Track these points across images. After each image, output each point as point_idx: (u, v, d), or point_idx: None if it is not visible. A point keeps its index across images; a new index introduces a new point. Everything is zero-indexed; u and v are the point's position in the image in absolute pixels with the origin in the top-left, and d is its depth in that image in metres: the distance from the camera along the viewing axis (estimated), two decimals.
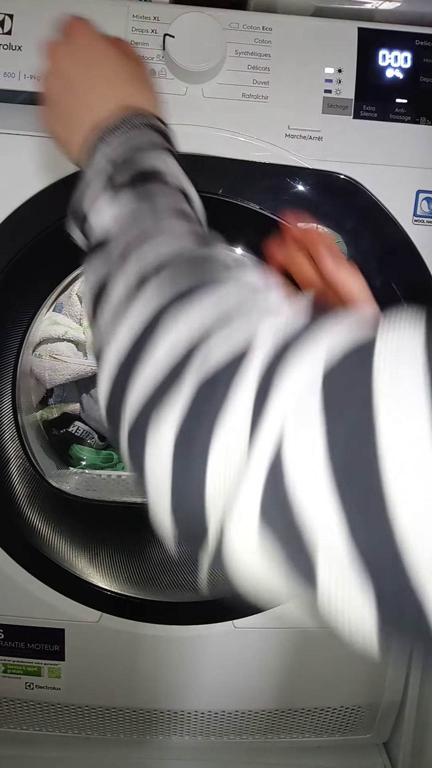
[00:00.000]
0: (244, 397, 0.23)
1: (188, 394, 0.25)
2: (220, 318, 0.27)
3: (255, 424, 0.23)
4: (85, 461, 0.89)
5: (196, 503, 0.24)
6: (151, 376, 0.27)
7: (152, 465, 0.26)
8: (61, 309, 0.89)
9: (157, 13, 0.64)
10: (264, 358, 0.24)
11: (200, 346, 0.26)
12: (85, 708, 0.83)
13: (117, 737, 0.86)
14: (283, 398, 0.23)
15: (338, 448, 0.21)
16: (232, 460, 0.23)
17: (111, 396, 0.30)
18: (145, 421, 0.27)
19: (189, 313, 0.28)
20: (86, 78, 0.48)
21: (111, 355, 0.30)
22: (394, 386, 0.20)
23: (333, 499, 0.20)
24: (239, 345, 0.25)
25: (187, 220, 0.37)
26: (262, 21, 0.64)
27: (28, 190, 0.65)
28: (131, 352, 0.29)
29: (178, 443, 0.25)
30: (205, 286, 0.29)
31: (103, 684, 0.81)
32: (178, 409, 0.25)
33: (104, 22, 0.63)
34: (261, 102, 0.64)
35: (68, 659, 0.78)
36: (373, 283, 0.68)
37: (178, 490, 0.25)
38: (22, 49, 0.63)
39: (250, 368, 0.24)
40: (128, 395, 0.28)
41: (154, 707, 0.83)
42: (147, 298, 0.30)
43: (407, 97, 0.65)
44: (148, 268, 0.32)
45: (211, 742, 0.86)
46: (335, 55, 0.65)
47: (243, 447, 0.23)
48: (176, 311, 0.28)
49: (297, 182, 0.66)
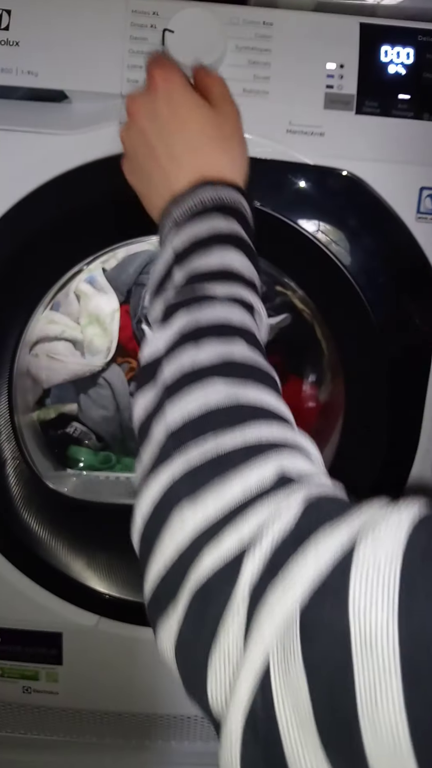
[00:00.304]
0: (233, 619, 0.25)
1: (184, 604, 0.27)
2: (222, 515, 0.28)
3: (245, 647, 0.24)
4: (82, 462, 0.88)
5: (201, 700, 0.27)
6: (156, 570, 0.29)
7: (162, 646, 0.29)
8: (59, 308, 0.88)
9: (156, 8, 0.63)
10: (254, 574, 0.25)
11: (200, 548, 0.27)
12: (83, 712, 0.82)
13: (115, 742, 0.85)
14: (267, 631, 0.23)
15: (319, 690, 0.21)
16: (228, 674, 0.25)
17: (140, 550, 0.32)
18: (153, 616, 0.29)
19: (195, 505, 0.28)
20: (167, 142, 0.48)
21: (137, 514, 0.32)
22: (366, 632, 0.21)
23: (317, 745, 0.21)
24: (231, 552, 0.26)
25: (228, 343, 0.36)
26: (262, 16, 0.64)
27: (24, 187, 0.65)
28: (148, 525, 0.31)
29: (178, 649, 0.28)
30: (214, 479, 0.29)
31: (101, 688, 0.80)
32: (174, 620, 0.27)
33: (103, 17, 0.63)
34: (262, 97, 0.64)
35: (66, 663, 0.77)
36: (376, 281, 0.67)
37: (185, 683, 0.28)
38: (19, 45, 0.62)
39: (240, 586, 0.25)
40: (147, 573, 0.30)
41: (153, 712, 0.82)
42: (166, 467, 0.31)
43: (410, 93, 0.65)
44: (173, 427, 0.33)
45: (210, 747, 0.85)
46: (337, 51, 0.64)
47: (235, 666, 0.24)
48: (187, 498, 0.29)
49: (298, 179, 0.65)
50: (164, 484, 0.30)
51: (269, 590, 0.24)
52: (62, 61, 0.62)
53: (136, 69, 0.63)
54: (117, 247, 0.79)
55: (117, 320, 0.87)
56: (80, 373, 0.85)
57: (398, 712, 0.19)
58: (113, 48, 0.63)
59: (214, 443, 0.31)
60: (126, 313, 0.89)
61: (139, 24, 0.63)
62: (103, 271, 0.91)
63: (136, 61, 0.63)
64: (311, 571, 0.23)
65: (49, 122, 0.64)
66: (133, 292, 0.90)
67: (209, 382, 0.34)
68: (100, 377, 0.88)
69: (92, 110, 0.64)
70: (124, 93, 0.63)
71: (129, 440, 0.90)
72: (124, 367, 0.91)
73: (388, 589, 0.21)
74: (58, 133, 0.64)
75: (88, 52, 0.62)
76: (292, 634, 0.22)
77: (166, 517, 0.29)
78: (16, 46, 0.62)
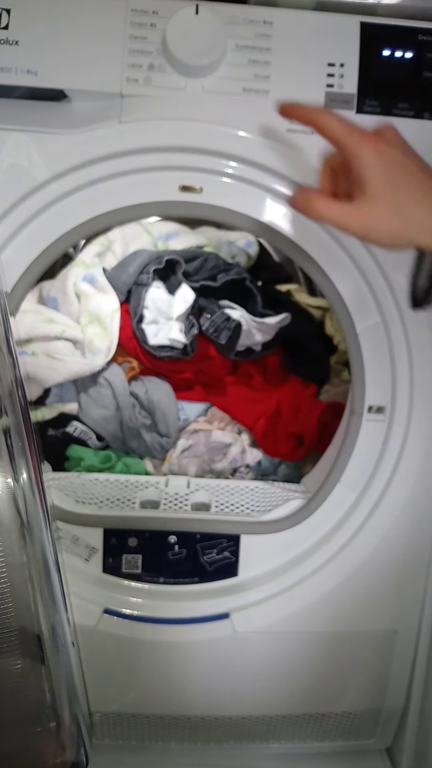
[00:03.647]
0: None
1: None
2: None
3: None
4: (83, 462, 0.88)
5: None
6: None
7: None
8: (56, 305, 0.87)
9: (156, 8, 0.63)
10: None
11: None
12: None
13: (115, 743, 0.85)
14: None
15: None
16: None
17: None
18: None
19: None
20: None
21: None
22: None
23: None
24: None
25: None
26: (263, 15, 0.64)
27: (24, 187, 0.64)
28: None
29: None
30: None
31: (100, 689, 0.80)
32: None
33: (102, 16, 0.63)
34: (262, 96, 0.64)
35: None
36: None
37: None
38: (19, 44, 0.62)
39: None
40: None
41: (153, 712, 0.82)
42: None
43: (410, 92, 0.64)
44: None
45: (210, 748, 0.85)
46: (337, 50, 0.64)
47: None
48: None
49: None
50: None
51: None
52: (62, 60, 0.62)
53: (136, 68, 0.63)
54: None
55: (117, 320, 0.87)
56: (80, 372, 0.85)
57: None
58: (113, 47, 0.62)
59: None
60: (126, 312, 0.89)
61: (139, 23, 0.63)
62: (103, 271, 0.90)
63: (136, 60, 0.63)
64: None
65: (48, 121, 0.64)
66: (133, 292, 0.89)
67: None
68: (100, 377, 0.87)
69: (92, 109, 0.64)
70: (123, 92, 0.63)
71: (129, 439, 0.90)
72: (124, 367, 0.90)
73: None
74: (58, 133, 0.64)
75: (88, 51, 0.62)
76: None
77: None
78: (16, 45, 0.62)
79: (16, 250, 0.66)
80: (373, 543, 0.75)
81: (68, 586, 0.72)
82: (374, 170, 0.50)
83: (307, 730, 0.85)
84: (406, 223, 0.50)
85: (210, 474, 0.93)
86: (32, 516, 0.53)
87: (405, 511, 0.74)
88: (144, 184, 0.66)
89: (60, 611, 0.57)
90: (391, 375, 0.70)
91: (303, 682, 0.81)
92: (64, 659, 0.57)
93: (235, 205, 0.67)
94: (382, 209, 0.50)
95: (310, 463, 0.93)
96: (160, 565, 0.76)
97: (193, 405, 0.94)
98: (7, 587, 0.51)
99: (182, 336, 0.86)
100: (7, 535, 0.52)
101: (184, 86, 0.63)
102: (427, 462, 0.73)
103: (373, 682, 0.82)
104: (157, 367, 0.91)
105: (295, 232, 0.67)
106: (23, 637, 0.53)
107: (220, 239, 0.99)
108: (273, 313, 0.90)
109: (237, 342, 0.88)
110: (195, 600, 0.76)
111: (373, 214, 0.50)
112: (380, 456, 0.73)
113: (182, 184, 0.66)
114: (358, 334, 0.69)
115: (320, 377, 0.99)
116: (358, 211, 0.51)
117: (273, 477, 0.93)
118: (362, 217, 0.51)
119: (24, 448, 0.53)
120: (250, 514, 0.78)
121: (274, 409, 0.92)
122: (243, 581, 0.76)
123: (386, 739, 0.87)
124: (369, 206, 0.50)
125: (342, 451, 0.74)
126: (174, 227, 0.98)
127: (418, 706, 0.82)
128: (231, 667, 0.78)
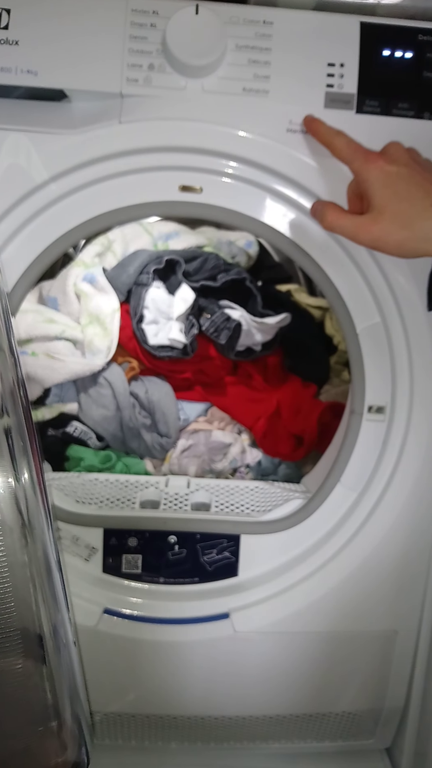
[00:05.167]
0: None
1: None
2: None
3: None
4: (83, 462, 0.88)
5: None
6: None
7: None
8: (56, 305, 0.87)
9: (156, 8, 0.63)
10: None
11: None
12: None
13: (115, 743, 0.85)
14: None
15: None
16: None
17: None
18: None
19: None
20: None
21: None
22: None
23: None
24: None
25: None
26: (263, 15, 0.63)
27: (24, 187, 0.64)
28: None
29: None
30: None
31: (99, 689, 0.80)
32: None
33: (102, 16, 0.63)
34: (262, 97, 0.64)
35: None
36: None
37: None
38: (19, 44, 0.62)
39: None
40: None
41: (152, 712, 0.82)
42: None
43: (410, 92, 0.64)
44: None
45: (210, 748, 0.85)
46: (337, 50, 0.64)
47: None
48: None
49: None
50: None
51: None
52: (62, 60, 0.62)
53: (136, 68, 0.63)
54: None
55: (117, 320, 0.87)
56: (80, 372, 0.85)
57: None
58: (113, 47, 0.62)
59: None
60: (126, 312, 0.89)
61: (139, 23, 0.63)
62: (103, 271, 0.90)
63: (136, 60, 0.63)
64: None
65: (48, 121, 0.64)
66: (133, 292, 0.89)
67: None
68: (100, 377, 0.87)
69: (92, 109, 0.64)
70: (123, 92, 0.63)
71: (129, 439, 0.90)
72: (124, 367, 0.90)
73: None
74: (58, 133, 0.64)
75: (88, 51, 0.62)
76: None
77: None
78: (16, 45, 0.62)
79: (16, 250, 0.66)
80: (373, 543, 0.75)
81: (69, 586, 0.72)
82: (378, 186, 0.55)
83: (307, 730, 0.85)
84: (412, 234, 0.53)
85: (210, 474, 0.93)
86: (34, 516, 0.53)
87: (405, 511, 0.74)
88: (144, 184, 0.66)
89: (61, 611, 0.57)
90: (391, 375, 0.71)
91: (303, 682, 0.81)
92: (65, 659, 0.57)
93: (235, 205, 0.67)
94: (387, 222, 0.54)
95: (310, 463, 0.93)
96: (160, 565, 0.76)
97: (193, 405, 0.94)
98: (9, 587, 0.51)
99: (182, 336, 0.86)
100: (8, 534, 0.52)
101: (184, 86, 0.63)
102: (427, 462, 0.73)
103: (373, 682, 0.82)
104: (157, 367, 0.91)
105: (295, 232, 0.67)
106: (25, 636, 0.53)
107: (220, 239, 0.99)
108: (273, 313, 0.90)
109: (237, 342, 0.88)
110: (195, 600, 0.76)
111: (379, 226, 0.54)
112: (380, 456, 0.73)
113: (182, 184, 0.66)
114: (358, 334, 0.70)
115: (320, 377, 0.99)
116: (365, 224, 0.55)
117: (273, 477, 0.93)
118: (370, 229, 0.55)
119: (25, 448, 0.53)
120: (250, 514, 0.78)
121: (274, 409, 0.92)
122: (243, 581, 0.76)
123: (386, 739, 0.87)
124: (375, 219, 0.55)
125: (342, 451, 0.74)
126: (174, 227, 0.98)
127: (418, 707, 0.82)
128: (231, 667, 0.78)
